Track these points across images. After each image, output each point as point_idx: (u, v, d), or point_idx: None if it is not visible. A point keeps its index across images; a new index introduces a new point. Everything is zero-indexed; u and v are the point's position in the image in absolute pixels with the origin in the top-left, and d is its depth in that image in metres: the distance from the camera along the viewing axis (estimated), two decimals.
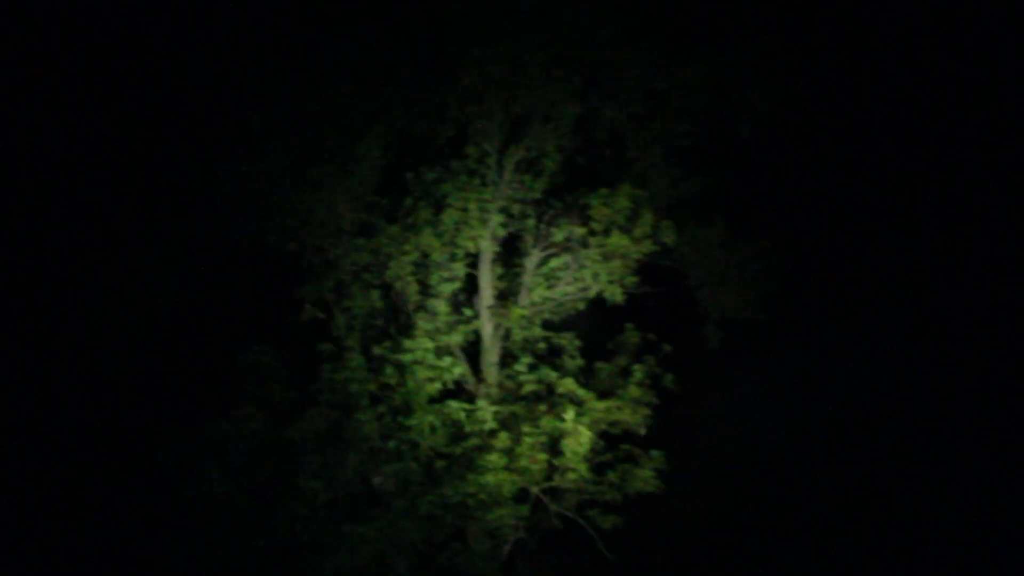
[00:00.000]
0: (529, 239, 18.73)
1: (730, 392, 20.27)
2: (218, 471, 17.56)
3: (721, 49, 18.53)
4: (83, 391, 19.43)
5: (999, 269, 20.80)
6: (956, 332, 20.69)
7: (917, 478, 20.25)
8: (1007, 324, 20.69)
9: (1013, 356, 20.55)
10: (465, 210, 18.16)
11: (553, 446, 17.85)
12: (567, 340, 18.94)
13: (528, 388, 18.39)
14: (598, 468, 18.07)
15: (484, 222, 18.28)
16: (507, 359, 18.87)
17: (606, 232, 18.18)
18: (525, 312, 18.64)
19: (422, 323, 18.15)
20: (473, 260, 18.66)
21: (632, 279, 18.56)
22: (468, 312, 18.63)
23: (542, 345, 18.91)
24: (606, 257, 18.28)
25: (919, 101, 20.65)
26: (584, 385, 18.39)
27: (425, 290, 18.49)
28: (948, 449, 20.35)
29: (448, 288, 18.36)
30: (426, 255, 18.35)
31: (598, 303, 18.88)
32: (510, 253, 19.05)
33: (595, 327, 19.13)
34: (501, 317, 18.56)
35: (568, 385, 18.19)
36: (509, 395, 18.47)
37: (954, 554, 19.87)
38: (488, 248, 18.62)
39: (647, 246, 18.15)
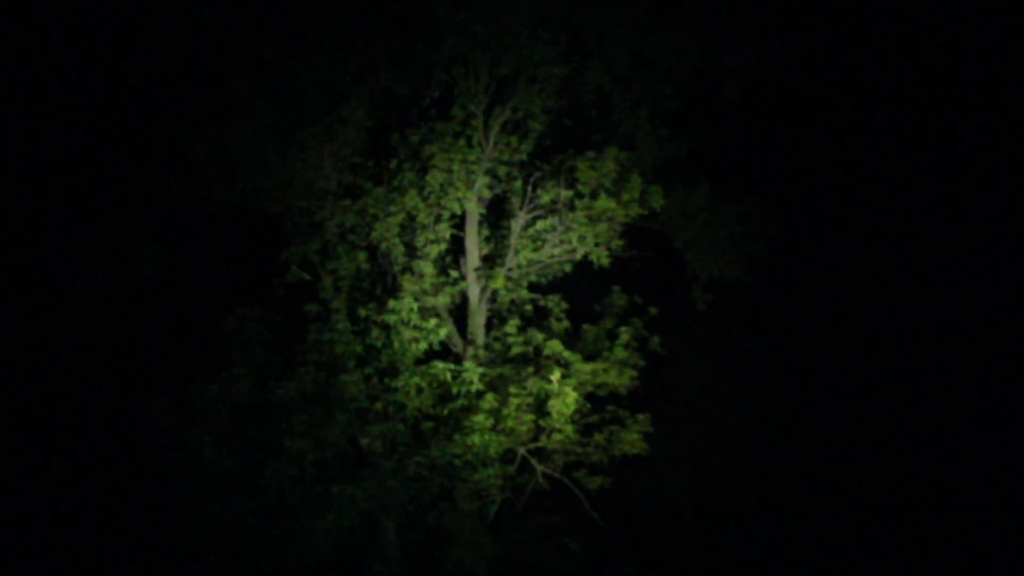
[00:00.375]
0: (515, 201, 18.70)
1: (716, 354, 20.28)
2: (206, 434, 17.54)
3: (707, 10, 18.48)
4: (68, 358, 19.38)
5: (995, 232, 20.82)
6: (946, 293, 20.73)
7: (904, 439, 20.34)
8: (1003, 283, 20.71)
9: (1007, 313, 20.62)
10: (450, 172, 18.12)
11: (540, 407, 17.88)
12: (554, 302, 18.94)
13: (515, 350, 18.40)
14: (585, 429, 18.11)
15: (470, 184, 18.24)
16: (493, 321, 18.89)
17: (593, 195, 18.15)
18: (512, 275, 18.62)
19: (408, 285, 18.12)
20: (459, 222, 18.63)
21: (619, 242, 18.55)
22: (454, 274, 18.61)
23: (528, 307, 18.92)
24: (592, 220, 18.26)
25: (908, 62, 20.61)
26: (570, 347, 18.41)
27: (411, 252, 18.46)
28: (936, 407, 20.43)
29: (434, 250, 18.33)
30: (412, 217, 18.31)
31: (584, 266, 18.87)
32: (496, 215, 19.03)
33: (582, 290, 19.12)
34: (487, 279, 18.55)
35: (555, 347, 18.20)
36: (496, 357, 18.49)
37: (948, 521, 20.00)
38: (474, 210, 18.60)
39: (634, 209, 18.13)
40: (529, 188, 18.59)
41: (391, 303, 17.74)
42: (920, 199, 20.91)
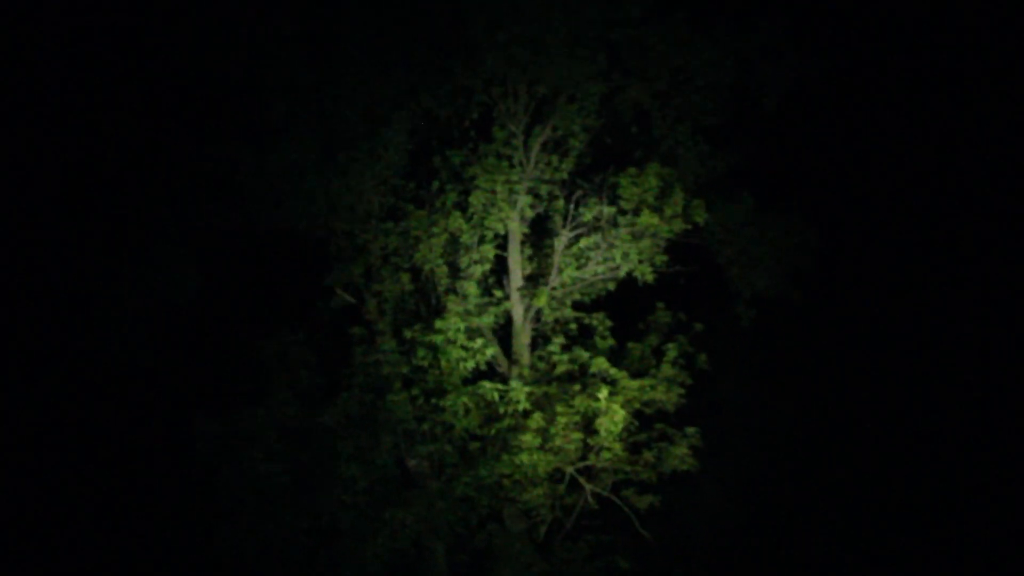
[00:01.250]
0: (558, 220, 18.69)
1: (762, 370, 20.14)
2: (254, 458, 17.56)
3: (745, 24, 18.44)
4: (113, 380, 19.45)
5: None
6: (994, 306, 20.53)
7: (950, 455, 20.12)
8: None
9: None
10: (493, 192, 18.14)
11: (587, 425, 17.80)
12: (598, 320, 18.89)
13: (561, 368, 18.36)
14: (633, 448, 18.01)
15: (512, 203, 18.26)
16: (538, 340, 18.85)
17: (636, 211, 18.11)
18: (556, 293, 18.59)
19: (452, 306, 18.12)
20: (502, 242, 18.63)
21: (662, 258, 18.49)
22: (498, 294, 18.61)
23: (573, 326, 18.87)
24: (636, 236, 18.22)
25: (954, 71, 20.48)
26: (616, 365, 18.33)
27: (455, 273, 18.48)
28: (980, 425, 20.21)
29: (478, 270, 18.35)
30: (455, 238, 18.33)
31: (628, 283, 18.82)
32: (539, 234, 19.01)
33: (625, 307, 19.06)
34: (531, 298, 18.52)
35: (601, 364, 18.14)
36: (542, 376, 18.44)
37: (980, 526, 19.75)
38: (517, 229, 18.59)
39: (678, 225, 18.06)
40: (571, 206, 18.58)
41: (437, 323, 17.74)
42: (970, 211, 20.74)
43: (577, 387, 18.06)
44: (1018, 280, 20.73)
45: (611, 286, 18.93)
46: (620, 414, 17.52)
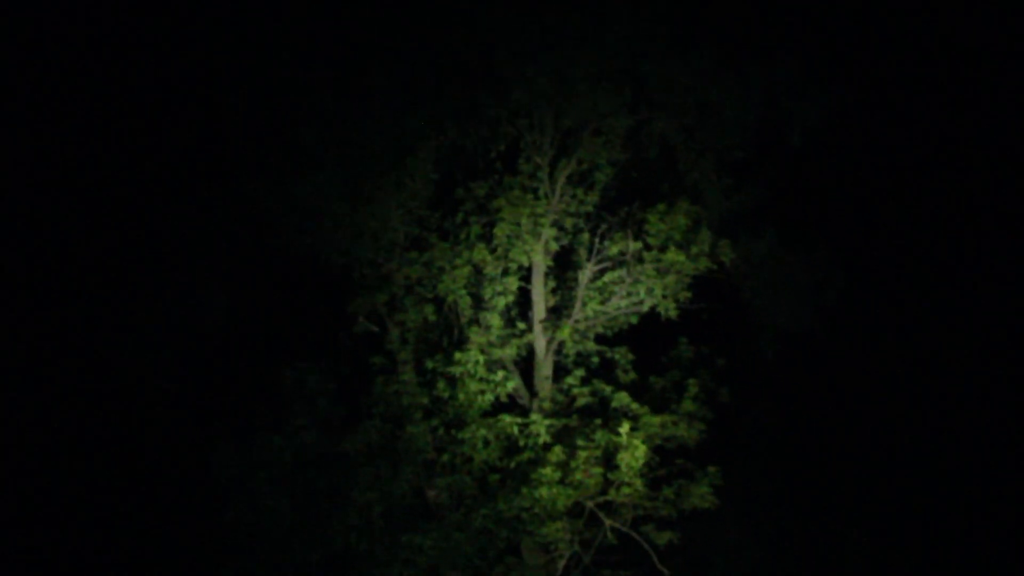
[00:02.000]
0: (583, 253, 18.67)
1: (785, 405, 20.04)
2: (270, 484, 17.59)
3: (771, 59, 18.42)
4: (135, 406, 19.53)
5: None
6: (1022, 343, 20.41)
7: (979, 492, 19.96)
8: None
9: None
10: (518, 224, 18.14)
11: (608, 460, 17.75)
12: (620, 354, 18.84)
13: (581, 402, 18.32)
14: (653, 483, 17.94)
15: (537, 236, 18.25)
16: (560, 373, 18.81)
17: (662, 248, 18.08)
18: (579, 327, 18.55)
19: (475, 337, 18.12)
20: (526, 274, 18.62)
21: (686, 294, 18.45)
22: (521, 326, 18.59)
23: (595, 359, 18.82)
24: (661, 272, 18.18)
25: (974, 109, 20.41)
26: (638, 399, 18.28)
27: (478, 304, 18.48)
28: (1011, 461, 20.05)
29: (501, 302, 18.34)
30: (479, 269, 18.34)
31: (651, 317, 18.78)
32: (563, 267, 19.00)
33: (648, 341, 19.01)
34: (554, 331, 18.50)
35: (622, 399, 18.10)
36: (562, 409, 18.40)
37: None
38: (541, 262, 18.59)
39: (704, 263, 18.05)
40: (597, 240, 18.56)
41: (457, 355, 17.74)
42: (997, 249, 20.62)
43: (598, 421, 18.02)
44: None
45: (634, 320, 18.88)
46: (641, 449, 17.46)
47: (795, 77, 18.40)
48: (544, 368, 18.69)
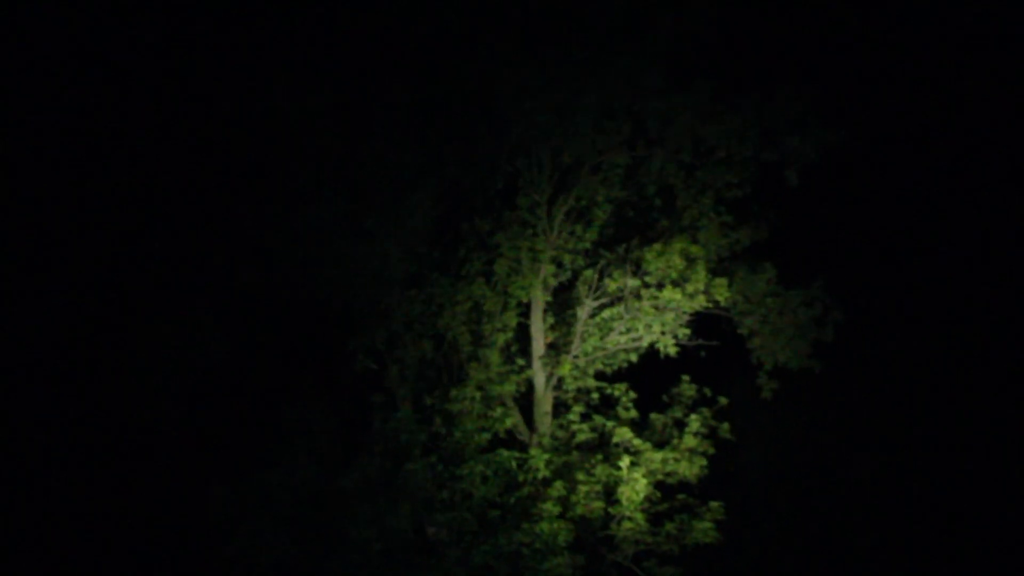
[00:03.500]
0: (582, 289, 18.70)
1: (784, 441, 20.02)
2: (269, 521, 17.48)
3: (768, 96, 18.57)
4: (135, 443, 19.44)
5: None
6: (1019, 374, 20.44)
7: (977, 526, 19.90)
8: None
9: None
10: (517, 260, 18.20)
11: (608, 495, 17.69)
12: (620, 391, 18.82)
13: (581, 437, 18.28)
14: (655, 518, 17.87)
15: (535, 271, 18.30)
16: (560, 409, 18.79)
17: (659, 286, 18.14)
18: (578, 363, 18.56)
19: (474, 373, 18.11)
20: (525, 310, 18.65)
21: (685, 331, 18.49)
22: (520, 362, 18.58)
23: (595, 395, 18.81)
24: (659, 309, 18.23)
25: (972, 146, 20.59)
26: (639, 436, 18.25)
27: (477, 340, 18.47)
28: (1009, 498, 20.02)
29: (500, 338, 18.35)
30: (478, 305, 18.36)
31: (651, 355, 18.79)
32: (562, 303, 19.03)
33: (648, 379, 19.01)
34: (553, 367, 18.50)
35: (623, 434, 18.07)
36: (562, 444, 18.36)
37: None
38: (540, 298, 18.63)
39: (699, 301, 18.10)
40: (595, 276, 18.61)
41: (454, 392, 17.72)
42: (995, 285, 20.71)
43: (599, 456, 17.98)
44: None
45: (633, 357, 18.89)
46: (641, 483, 17.42)
47: (792, 115, 18.53)
48: (544, 404, 18.68)
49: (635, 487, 17.41)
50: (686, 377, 18.88)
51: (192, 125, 18.65)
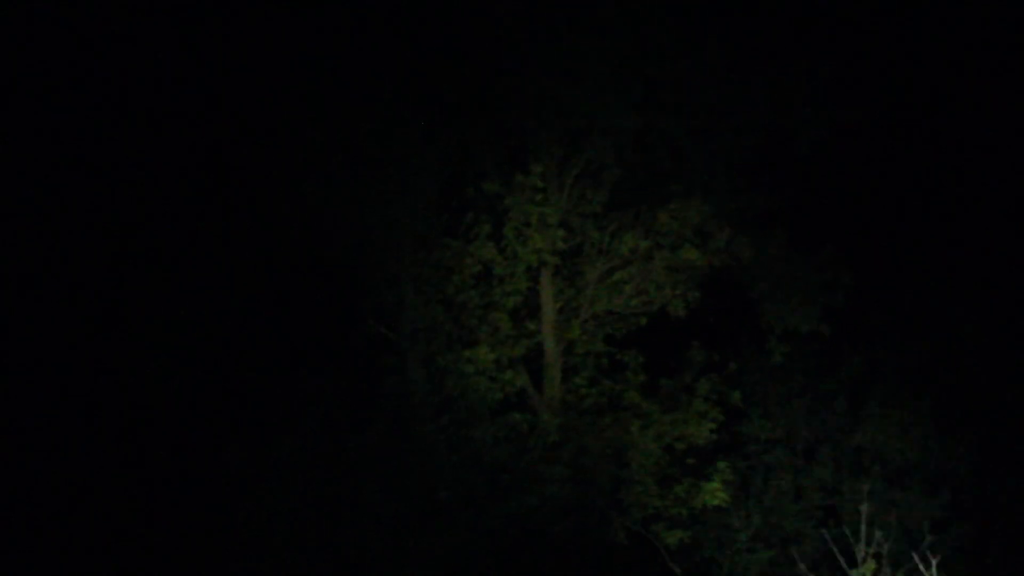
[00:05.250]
0: (592, 252, 18.63)
1: (792, 405, 20.00)
2: (281, 485, 17.52)
3: (781, 68, 18.45)
4: (146, 408, 19.44)
5: None
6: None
7: (982, 494, 19.96)
8: None
9: None
10: (527, 223, 18.12)
11: (618, 459, 17.70)
12: (630, 356, 18.79)
13: (591, 401, 18.28)
14: (664, 481, 17.91)
15: (545, 235, 18.22)
16: (569, 372, 18.77)
17: (674, 246, 18.08)
18: (587, 326, 18.52)
19: (484, 336, 18.08)
20: (535, 273, 18.59)
21: (695, 294, 18.47)
22: (530, 326, 18.54)
23: (604, 360, 18.78)
24: (671, 270, 18.18)
25: (982, 115, 20.48)
26: (648, 400, 18.25)
27: (487, 303, 18.42)
28: (1013, 459, 20.07)
29: (510, 302, 18.30)
30: (488, 268, 18.30)
31: (660, 320, 18.77)
32: (572, 266, 18.96)
33: (657, 344, 19.00)
34: (563, 330, 18.47)
35: (633, 398, 18.07)
36: (572, 408, 18.36)
37: None
38: (550, 261, 18.55)
39: (720, 260, 18.03)
40: (606, 239, 18.53)
41: (467, 353, 17.69)
42: (1002, 252, 20.65)
43: (608, 420, 17.99)
44: None
45: (643, 321, 18.86)
46: (652, 447, 17.44)
47: (804, 88, 18.45)
48: (553, 368, 18.65)
49: (645, 451, 17.43)
50: (696, 342, 18.87)
51: (199, 87, 18.54)
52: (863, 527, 16.97)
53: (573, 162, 18.50)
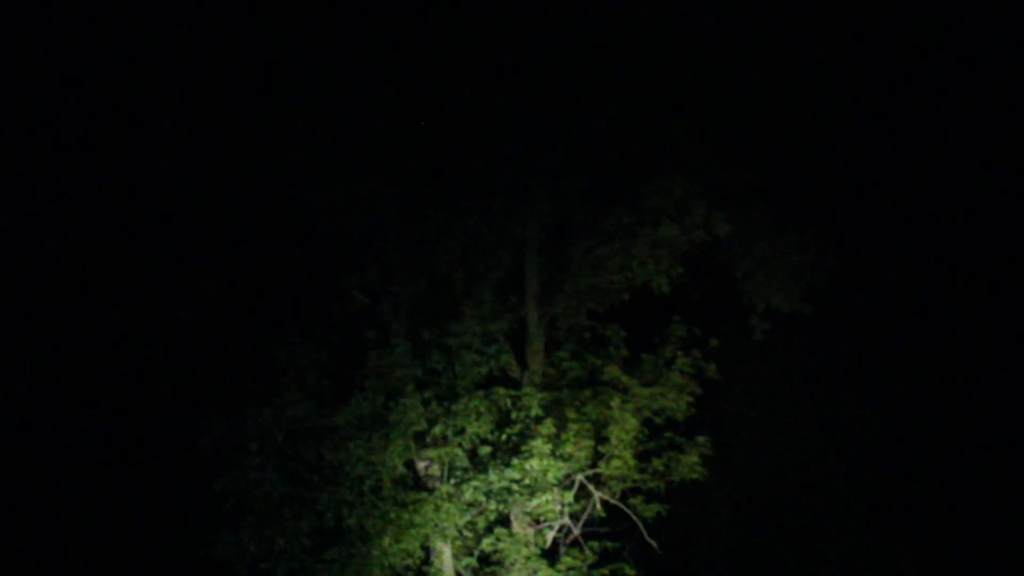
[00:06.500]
0: (577, 227, 18.71)
1: (771, 383, 20.21)
2: (261, 456, 17.61)
3: (770, 42, 18.47)
4: (124, 379, 19.50)
5: None
6: (1009, 327, 20.58)
7: (957, 469, 20.19)
8: None
9: None
10: (512, 197, 18.16)
11: (598, 433, 17.86)
12: (612, 331, 18.90)
13: (573, 375, 18.41)
14: (642, 456, 18.07)
15: (531, 209, 18.28)
16: (552, 347, 18.89)
17: (655, 221, 18.16)
18: (571, 301, 18.62)
19: (468, 310, 18.16)
20: (519, 247, 18.67)
21: (678, 269, 18.57)
22: (514, 300, 18.64)
23: (586, 335, 18.90)
24: (654, 246, 18.28)
25: (973, 98, 20.56)
26: (629, 374, 18.39)
27: (471, 277, 18.50)
28: (988, 439, 20.28)
29: (494, 275, 18.38)
30: (473, 241, 18.36)
31: (643, 295, 18.87)
32: (556, 241, 19.04)
33: (640, 320, 19.12)
34: (547, 305, 18.58)
35: (613, 372, 18.20)
36: (553, 382, 18.49)
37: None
38: (535, 236, 18.63)
39: (697, 235, 18.12)
40: (591, 214, 18.61)
41: (454, 327, 17.78)
42: (985, 233, 20.80)
43: (589, 393, 18.13)
44: None
45: (625, 297, 18.97)
46: (632, 422, 17.60)
47: (793, 67, 18.46)
48: (536, 342, 18.75)
49: (625, 426, 17.58)
50: (678, 317, 19.00)
51: (185, 56, 18.49)
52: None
53: (559, 136, 18.53)
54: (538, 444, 17.57)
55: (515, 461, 17.59)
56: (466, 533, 17.86)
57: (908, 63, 20.45)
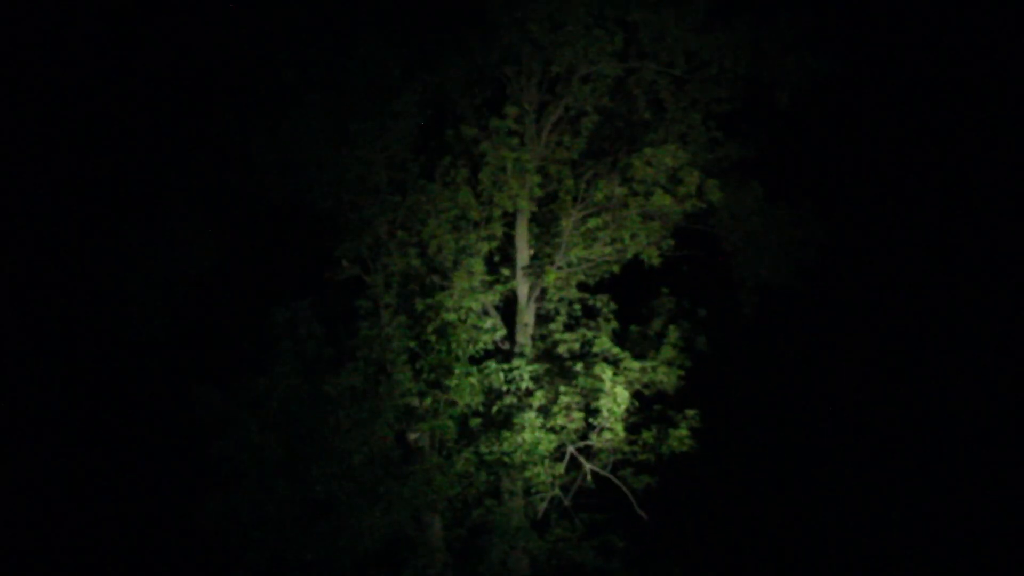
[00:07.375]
0: (567, 199, 18.68)
1: (761, 358, 20.25)
2: (253, 424, 17.58)
3: (764, 16, 18.43)
4: (119, 349, 19.46)
5: None
6: (997, 305, 20.65)
7: (949, 445, 20.29)
8: None
9: None
10: (503, 169, 18.12)
11: (589, 405, 17.88)
12: (602, 303, 18.93)
13: (563, 348, 18.41)
14: (633, 428, 18.10)
15: (521, 181, 18.23)
16: (542, 320, 18.89)
17: (647, 193, 18.13)
18: (562, 273, 18.61)
19: (459, 282, 18.13)
20: (510, 220, 18.63)
21: (669, 242, 18.57)
22: (504, 272, 18.62)
23: (577, 307, 18.90)
24: (646, 218, 18.26)
25: (964, 72, 20.56)
26: (619, 347, 18.40)
27: (462, 249, 18.45)
28: (979, 419, 20.39)
29: (485, 247, 18.34)
30: (464, 214, 18.31)
31: (633, 268, 18.87)
32: (547, 213, 19.02)
33: (630, 292, 19.13)
34: (537, 277, 18.56)
35: (604, 344, 18.20)
36: (544, 355, 18.49)
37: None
38: (526, 208, 18.59)
39: (691, 205, 18.10)
40: (582, 185, 18.57)
41: (448, 301, 17.73)
42: (975, 209, 20.85)
43: (580, 366, 18.13)
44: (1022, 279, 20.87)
45: (616, 268, 18.97)
46: (622, 395, 17.61)
47: (788, 40, 18.43)
48: (526, 314, 18.75)
49: (616, 398, 17.60)
50: (666, 289, 19.01)
51: (176, 29, 18.37)
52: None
53: (551, 108, 18.48)
54: (529, 416, 17.57)
55: (506, 433, 17.59)
56: (456, 505, 17.87)
57: (903, 38, 20.46)
